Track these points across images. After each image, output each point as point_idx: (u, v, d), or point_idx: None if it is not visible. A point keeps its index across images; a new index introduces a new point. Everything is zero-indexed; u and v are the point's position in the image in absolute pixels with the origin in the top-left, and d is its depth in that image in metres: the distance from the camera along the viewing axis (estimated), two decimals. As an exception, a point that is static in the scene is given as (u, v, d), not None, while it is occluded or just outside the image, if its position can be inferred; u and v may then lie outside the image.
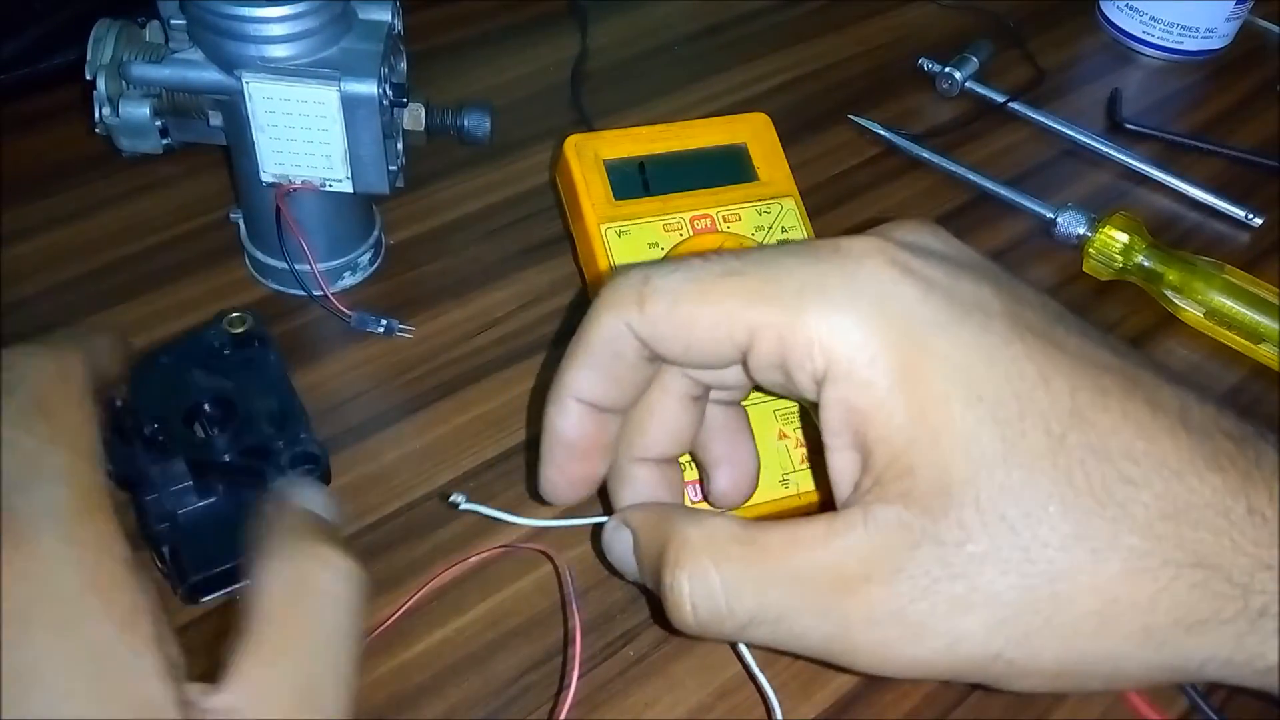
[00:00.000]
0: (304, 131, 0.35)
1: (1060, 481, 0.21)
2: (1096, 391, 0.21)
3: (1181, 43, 0.58)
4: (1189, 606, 0.20)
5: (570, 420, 0.26)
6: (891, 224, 0.25)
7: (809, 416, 0.32)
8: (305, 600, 0.21)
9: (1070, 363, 0.22)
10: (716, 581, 0.23)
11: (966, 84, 0.54)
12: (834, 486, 0.23)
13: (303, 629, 0.20)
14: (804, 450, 0.33)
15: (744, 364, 0.24)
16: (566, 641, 0.30)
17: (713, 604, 0.23)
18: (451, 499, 0.30)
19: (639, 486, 0.28)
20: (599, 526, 0.28)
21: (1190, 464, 0.21)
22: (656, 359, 0.25)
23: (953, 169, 0.48)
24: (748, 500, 0.29)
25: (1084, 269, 0.44)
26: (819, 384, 0.22)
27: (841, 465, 0.23)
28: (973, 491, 0.21)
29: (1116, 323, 0.43)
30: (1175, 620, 0.20)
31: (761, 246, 0.24)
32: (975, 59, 0.54)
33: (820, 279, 0.22)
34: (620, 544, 0.27)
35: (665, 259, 0.25)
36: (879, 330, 0.22)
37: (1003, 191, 0.47)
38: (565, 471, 0.27)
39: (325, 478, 0.32)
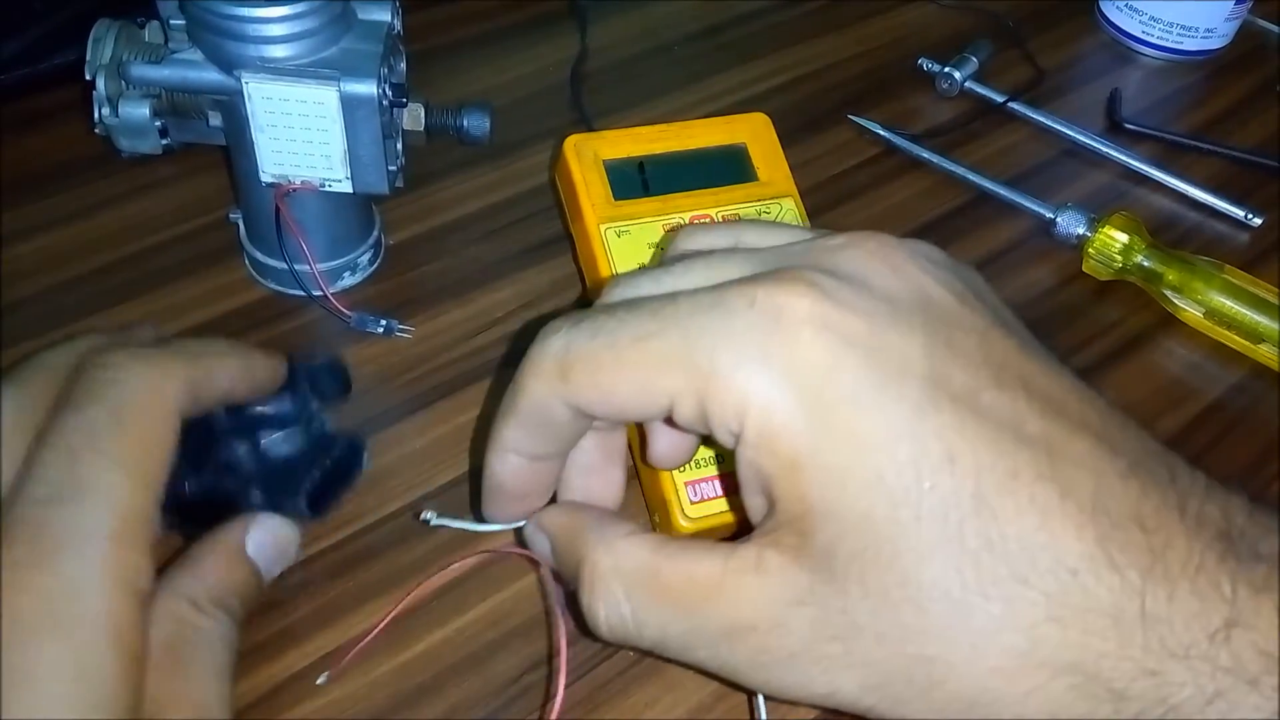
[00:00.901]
0: (303, 132, 0.35)
1: (949, 573, 0.20)
2: (1005, 474, 0.20)
3: (1181, 43, 0.58)
4: (1064, 705, 0.20)
5: (508, 469, 0.27)
6: (844, 244, 0.24)
7: None
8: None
9: (987, 437, 0.21)
10: (626, 611, 0.24)
11: (966, 84, 0.54)
12: (747, 511, 0.24)
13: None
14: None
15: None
16: (551, 651, 0.30)
17: (624, 628, 0.24)
18: (423, 516, 0.30)
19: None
20: None
21: (1090, 562, 0.20)
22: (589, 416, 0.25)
23: (952, 169, 0.48)
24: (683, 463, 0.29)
25: (1083, 269, 0.44)
26: (736, 442, 0.22)
27: (752, 504, 0.23)
28: (859, 567, 0.21)
29: (1116, 323, 0.43)
30: (1048, 715, 0.20)
31: (678, 298, 0.23)
32: (975, 59, 0.54)
33: (735, 342, 0.22)
34: (540, 545, 0.28)
35: (589, 312, 0.24)
36: (788, 402, 0.21)
37: (1002, 191, 0.47)
38: (505, 510, 0.28)
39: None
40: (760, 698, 0.25)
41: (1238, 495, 0.22)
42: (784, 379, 0.21)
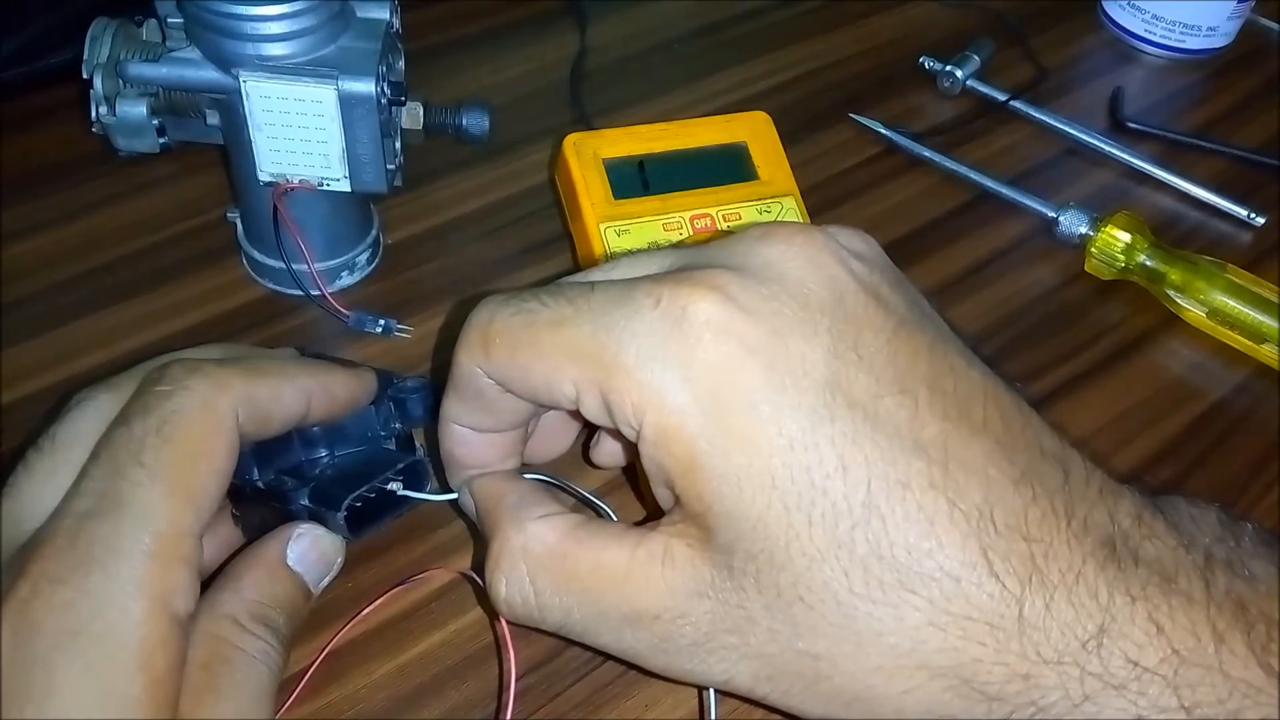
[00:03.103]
0: (301, 130, 0.35)
1: (838, 577, 0.21)
2: (896, 483, 0.21)
3: (1184, 41, 0.58)
4: (940, 705, 0.21)
5: (453, 440, 0.27)
6: (765, 237, 0.24)
7: None
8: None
9: (881, 444, 0.21)
10: (530, 591, 0.24)
11: (968, 82, 0.53)
12: (656, 500, 0.24)
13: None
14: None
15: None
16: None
17: (526, 609, 0.25)
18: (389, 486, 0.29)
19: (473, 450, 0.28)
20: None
21: (973, 569, 0.20)
22: None
23: (954, 168, 0.48)
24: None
25: (1086, 268, 0.44)
26: (638, 438, 0.23)
27: (660, 494, 0.24)
28: (755, 566, 0.22)
29: (1118, 323, 0.43)
30: (925, 714, 0.21)
31: (595, 288, 0.23)
32: (977, 57, 0.54)
33: (638, 341, 0.22)
34: (465, 503, 0.28)
35: (519, 291, 0.25)
36: (685, 404, 0.21)
37: (1004, 191, 0.47)
38: (459, 480, 0.29)
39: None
40: (711, 691, 0.26)
41: (1130, 497, 0.22)
42: (682, 382, 0.21)
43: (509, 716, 0.26)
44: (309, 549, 0.27)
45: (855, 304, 0.23)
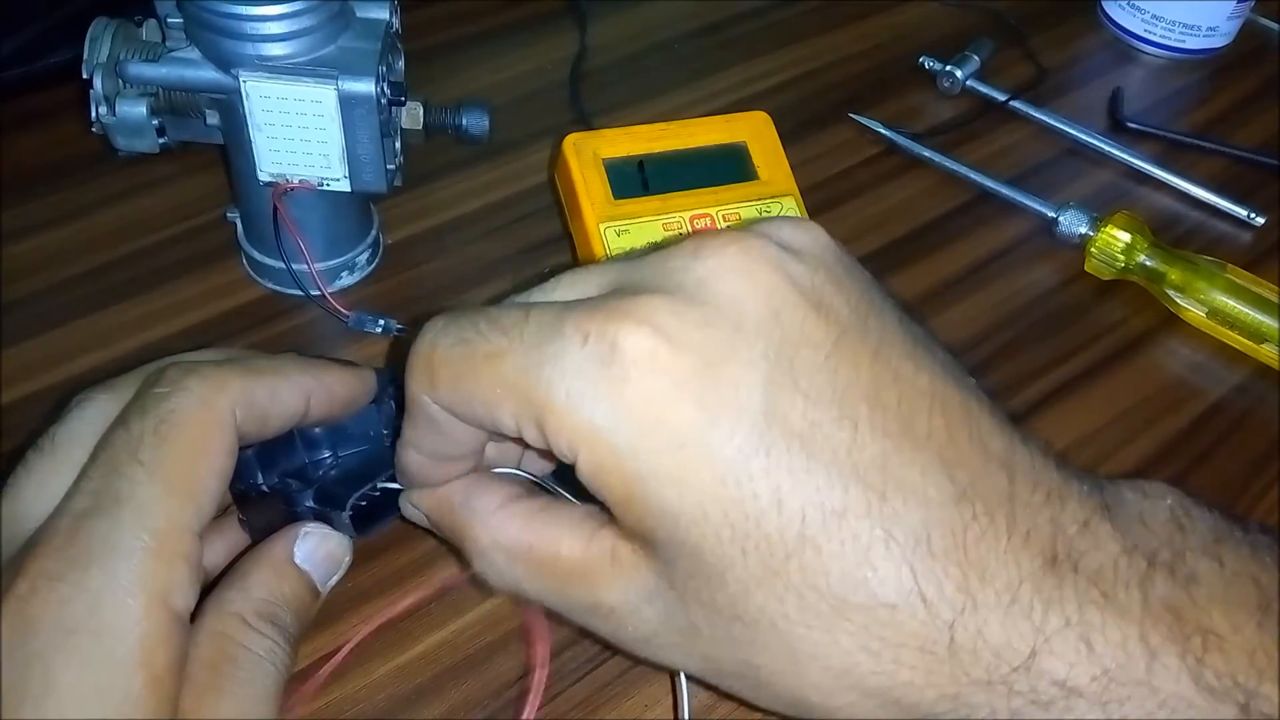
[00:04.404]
0: (301, 130, 0.35)
1: (773, 603, 0.21)
2: (832, 514, 0.21)
3: (1183, 41, 0.58)
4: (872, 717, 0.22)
5: (412, 465, 0.27)
6: (700, 251, 0.23)
7: None
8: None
9: (817, 475, 0.21)
10: (511, 578, 0.25)
11: (968, 82, 0.53)
12: None
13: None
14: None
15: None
16: (551, 654, 0.29)
17: (517, 591, 0.26)
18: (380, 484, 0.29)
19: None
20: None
21: (906, 597, 0.21)
22: None
23: (954, 168, 0.48)
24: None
25: (1086, 268, 0.44)
26: (576, 469, 0.23)
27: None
28: (694, 585, 0.22)
29: (1118, 323, 0.43)
30: None
31: (530, 317, 0.23)
32: (976, 57, 0.54)
33: (568, 380, 0.21)
34: (416, 518, 0.28)
35: (461, 313, 0.24)
36: (617, 442, 0.21)
37: (1004, 190, 0.47)
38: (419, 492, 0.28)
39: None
40: (682, 676, 0.26)
41: (1077, 499, 0.22)
42: (613, 419, 0.21)
43: (536, 704, 0.27)
44: (316, 547, 0.27)
45: (793, 320, 0.22)
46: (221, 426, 0.24)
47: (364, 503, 0.28)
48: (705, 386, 0.21)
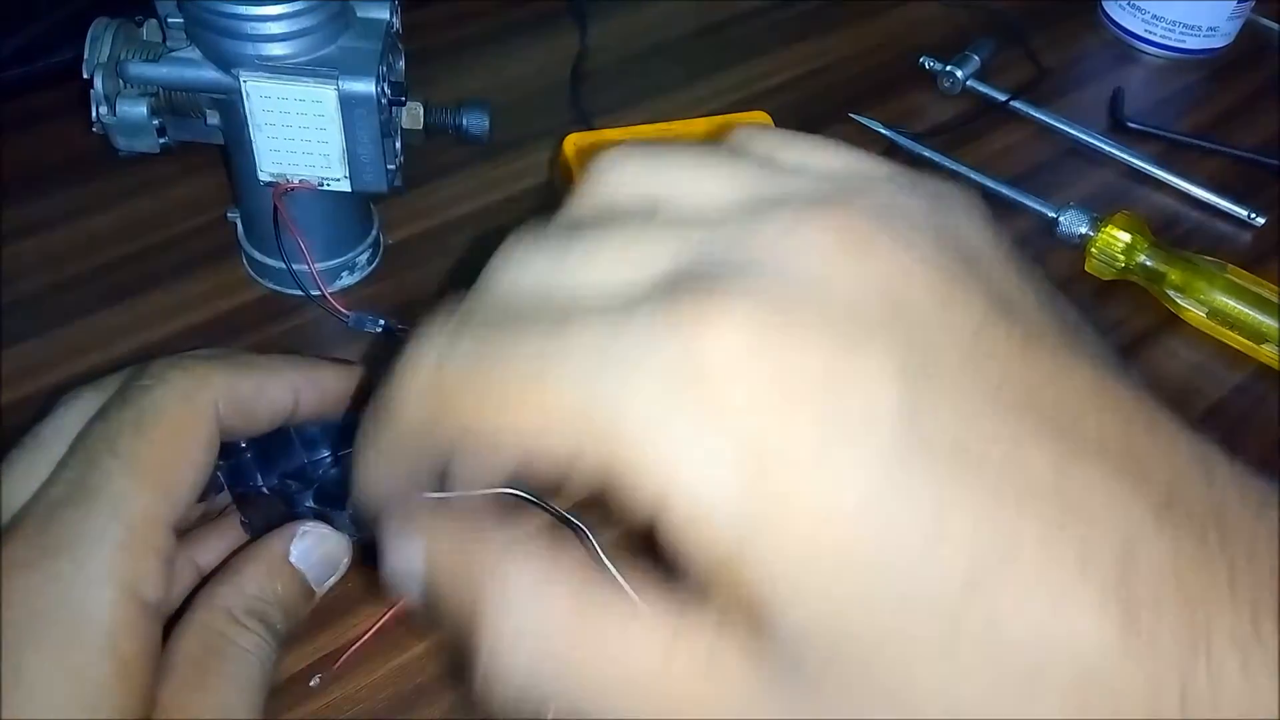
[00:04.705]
0: (302, 130, 0.35)
1: (944, 676, 0.16)
2: (1006, 546, 0.16)
3: (1184, 41, 0.58)
4: None
5: (371, 491, 0.21)
6: (797, 222, 0.18)
7: None
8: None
9: (979, 498, 0.16)
10: (531, 684, 0.18)
11: (968, 82, 0.53)
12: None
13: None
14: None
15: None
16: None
17: (521, 702, 0.18)
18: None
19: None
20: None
21: (1116, 653, 0.16)
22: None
23: (954, 168, 0.48)
24: None
25: (1086, 269, 0.44)
26: (653, 525, 0.17)
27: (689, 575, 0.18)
28: (835, 673, 0.17)
29: (1119, 323, 0.43)
30: None
31: (571, 318, 0.17)
32: (977, 57, 0.54)
33: (641, 398, 0.16)
34: (406, 570, 0.20)
35: (468, 318, 0.19)
36: (719, 479, 0.16)
37: (1004, 190, 0.47)
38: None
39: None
40: None
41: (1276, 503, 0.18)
42: (713, 449, 0.16)
43: None
44: (313, 547, 0.27)
45: (925, 303, 0.17)
46: (201, 419, 0.24)
47: None
48: (828, 391, 0.16)
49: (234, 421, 0.25)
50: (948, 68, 0.53)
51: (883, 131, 0.50)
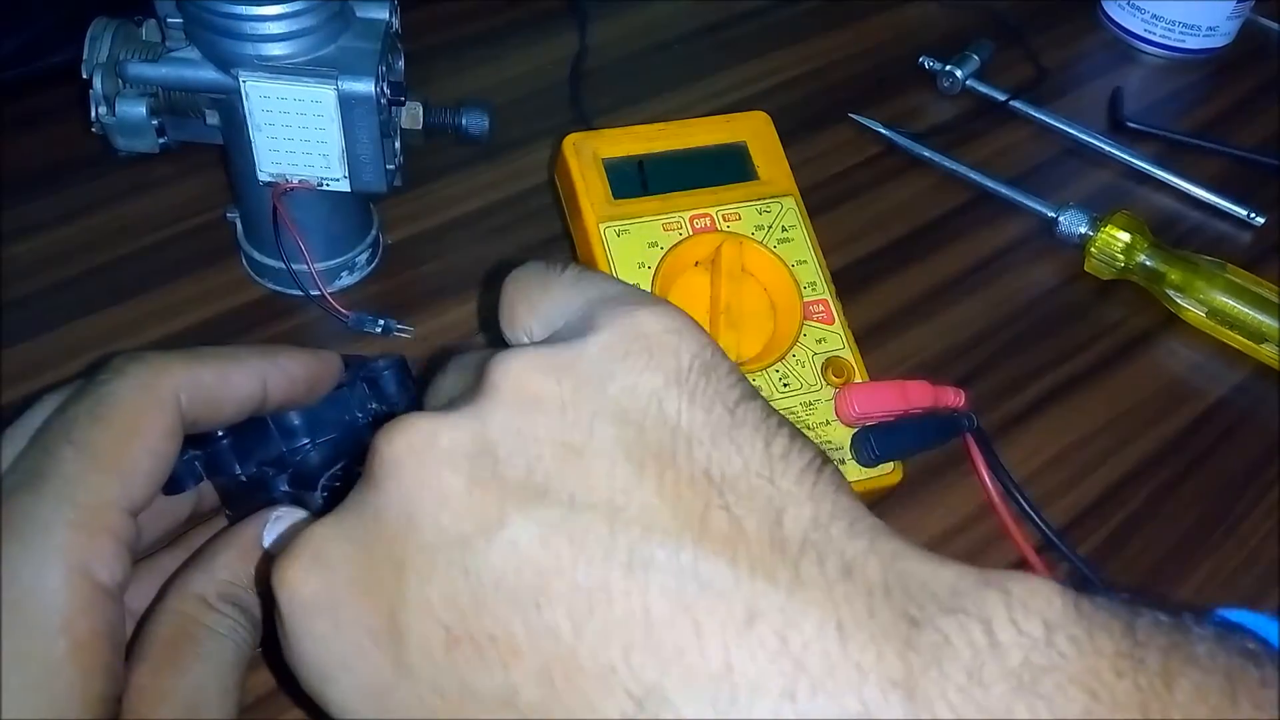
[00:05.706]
0: (301, 130, 0.35)
1: None
2: None
3: (1183, 41, 0.58)
4: None
5: None
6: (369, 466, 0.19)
7: None
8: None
9: None
10: None
11: (968, 82, 0.53)
12: None
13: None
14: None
15: None
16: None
17: None
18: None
19: None
20: None
21: None
22: None
23: (954, 168, 0.48)
24: None
25: (1085, 268, 0.44)
26: None
27: None
28: None
29: (1118, 323, 0.43)
30: None
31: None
32: (976, 57, 0.54)
33: None
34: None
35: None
36: (314, 687, 0.20)
37: (1004, 190, 0.47)
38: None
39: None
40: None
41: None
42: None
43: None
44: (287, 531, 0.27)
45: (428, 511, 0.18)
46: (160, 407, 0.24)
47: (338, 483, 0.28)
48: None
49: (200, 411, 0.25)
50: (947, 68, 0.53)
51: (882, 131, 0.50)
